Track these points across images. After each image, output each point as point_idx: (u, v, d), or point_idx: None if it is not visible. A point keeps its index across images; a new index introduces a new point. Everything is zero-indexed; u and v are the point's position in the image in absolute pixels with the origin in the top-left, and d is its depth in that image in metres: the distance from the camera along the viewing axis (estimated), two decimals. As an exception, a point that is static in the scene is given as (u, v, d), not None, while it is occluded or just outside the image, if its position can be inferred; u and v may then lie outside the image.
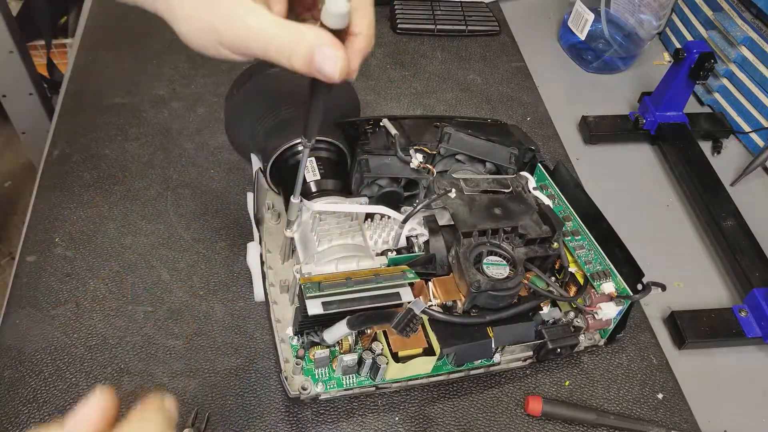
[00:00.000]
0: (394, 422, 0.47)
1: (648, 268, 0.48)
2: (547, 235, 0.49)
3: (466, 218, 0.48)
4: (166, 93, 0.71)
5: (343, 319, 0.42)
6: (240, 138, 0.58)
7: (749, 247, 0.60)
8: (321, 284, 0.41)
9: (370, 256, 0.46)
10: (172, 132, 0.67)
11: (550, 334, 0.48)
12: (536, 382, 0.51)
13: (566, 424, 0.49)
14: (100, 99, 0.69)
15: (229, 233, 0.58)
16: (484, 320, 0.46)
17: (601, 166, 0.71)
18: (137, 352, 0.49)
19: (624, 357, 0.54)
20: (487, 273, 0.45)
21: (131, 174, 0.62)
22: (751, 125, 0.75)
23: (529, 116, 0.75)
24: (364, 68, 0.78)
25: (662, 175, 0.72)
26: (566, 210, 0.54)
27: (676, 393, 0.52)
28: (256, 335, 0.51)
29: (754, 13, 0.72)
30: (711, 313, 0.56)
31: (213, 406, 0.47)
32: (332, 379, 0.45)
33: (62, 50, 1.39)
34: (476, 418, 0.48)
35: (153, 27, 0.79)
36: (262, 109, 0.54)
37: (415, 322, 0.40)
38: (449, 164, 0.56)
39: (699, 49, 0.65)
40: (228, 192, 0.61)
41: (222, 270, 0.55)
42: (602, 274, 0.50)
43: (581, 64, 0.84)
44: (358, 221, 0.49)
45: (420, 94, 0.76)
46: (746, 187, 0.71)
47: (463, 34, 0.85)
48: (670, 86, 0.69)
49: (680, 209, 0.68)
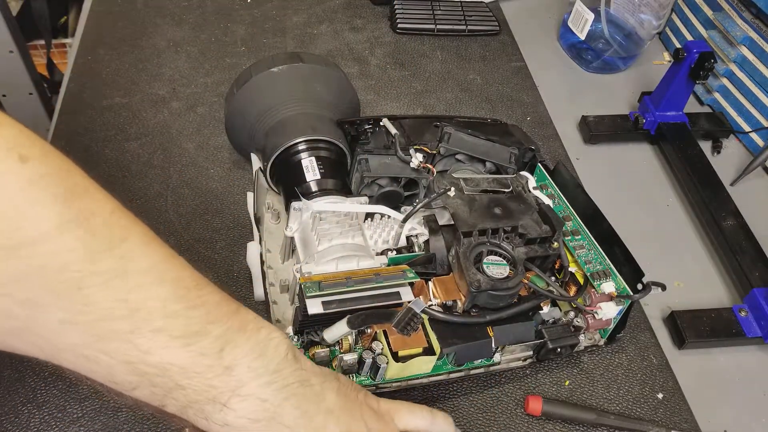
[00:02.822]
0: (394, 422, 0.47)
1: (648, 268, 0.48)
2: (547, 234, 0.49)
3: (466, 218, 0.48)
4: (166, 93, 0.71)
5: (343, 318, 0.42)
6: (240, 138, 0.58)
7: (749, 247, 0.60)
8: (321, 284, 0.41)
9: (370, 256, 0.46)
10: (172, 132, 0.67)
11: (550, 333, 0.48)
12: (536, 381, 0.51)
13: (566, 424, 0.49)
14: (100, 99, 0.69)
15: (229, 233, 0.58)
16: (484, 320, 0.46)
17: (601, 166, 0.71)
18: (137, 352, 0.49)
19: (624, 357, 0.54)
20: (487, 273, 0.45)
21: (131, 174, 0.62)
22: (751, 125, 0.75)
23: (529, 116, 0.75)
24: (364, 68, 0.78)
25: (662, 175, 0.72)
26: (566, 210, 0.54)
27: (676, 393, 0.52)
28: (256, 335, 0.51)
29: (754, 13, 0.72)
30: (711, 313, 0.56)
31: (213, 406, 0.47)
32: (332, 378, 0.45)
33: (62, 50, 1.39)
34: (476, 418, 0.48)
35: (153, 27, 0.79)
36: (262, 109, 0.54)
37: (415, 321, 0.40)
38: (449, 164, 0.56)
39: (699, 49, 0.65)
40: (228, 192, 0.61)
41: (222, 270, 0.55)
42: (602, 274, 0.50)
43: (581, 64, 0.84)
44: (358, 221, 0.49)
45: (420, 93, 0.76)
46: (746, 187, 0.71)
47: (463, 34, 0.85)
48: (670, 86, 0.69)
49: (680, 209, 0.68)
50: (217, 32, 0.80)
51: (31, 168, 0.27)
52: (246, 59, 0.76)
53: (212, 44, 0.78)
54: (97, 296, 0.28)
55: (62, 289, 0.28)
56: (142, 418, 0.45)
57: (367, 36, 0.83)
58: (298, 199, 0.47)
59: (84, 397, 0.46)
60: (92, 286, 0.28)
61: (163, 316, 0.30)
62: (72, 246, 0.28)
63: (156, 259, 0.31)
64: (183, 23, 0.80)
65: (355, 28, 0.84)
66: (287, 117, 0.53)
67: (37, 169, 0.27)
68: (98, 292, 0.28)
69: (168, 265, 0.32)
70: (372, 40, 0.82)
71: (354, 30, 0.84)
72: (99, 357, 0.30)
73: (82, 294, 0.28)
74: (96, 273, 0.28)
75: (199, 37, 0.79)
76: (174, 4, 0.83)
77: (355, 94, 0.60)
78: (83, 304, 0.28)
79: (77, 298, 0.28)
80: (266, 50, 0.78)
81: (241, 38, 0.79)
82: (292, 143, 0.51)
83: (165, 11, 0.82)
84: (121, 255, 0.29)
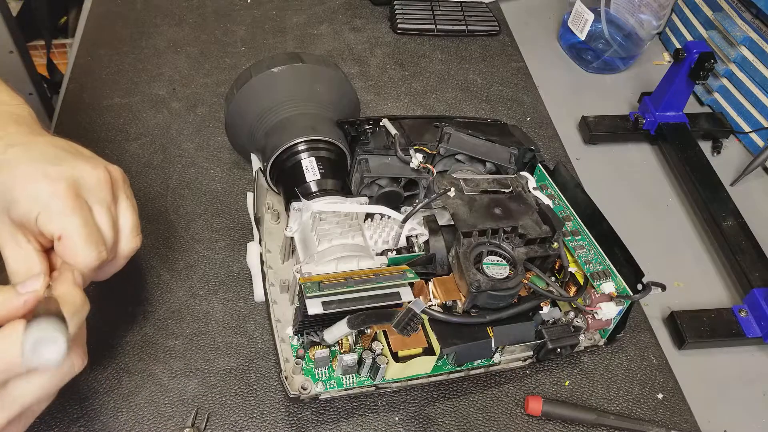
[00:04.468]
0: (394, 422, 0.47)
1: (648, 268, 0.48)
2: (547, 235, 0.49)
3: (466, 218, 0.48)
4: (166, 93, 0.71)
5: (343, 318, 0.42)
6: (240, 138, 0.58)
7: (749, 247, 0.60)
8: (321, 284, 0.41)
9: (370, 256, 0.46)
10: (172, 132, 0.67)
11: (550, 334, 0.48)
12: (536, 382, 0.51)
13: (566, 424, 0.49)
14: (100, 99, 0.69)
15: (228, 233, 0.58)
16: (484, 320, 0.46)
17: (601, 166, 0.71)
18: (137, 352, 0.49)
19: (624, 357, 0.54)
20: (487, 273, 0.45)
21: (131, 174, 0.62)
22: (751, 125, 0.75)
23: (529, 116, 0.75)
24: (364, 68, 0.78)
25: (662, 175, 0.72)
26: (566, 210, 0.54)
27: (676, 393, 0.52)
28: (256, 335, 0.51)
29: (754, 13, 0.72)
30: (711, 313, 0.56)
31: (213, 406, 0.47)
32: (332, 378, 0.45)
33: (62, 50, 1.39)
34: (476, 418, 0.48)
35: (153, 27, 0.79)
36: (262, 109, 0.54)
37: (415, 321, 0.40)
38: (449, 164, 0.56)
39: (699, 49, 0.65)
40: (228, 192, 0.61)
41: (222, 270, 0.55)
42: (602, 274, 0.50)
43: (581, 64, 0.84)
44: (358, 221, 0.49)
45: (420, 94, 0.76)
46: (746, 187, 0.71)
47: (463, 34, 0.85)
48: (670, 86, 0.69)
49: (680, 209, 0.68)
50: (217, 32, 0.80)
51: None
52: (246, 59, 0.76)
53: (212, 44, 0.78)
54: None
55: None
56: (142, 418, 0.45)
57: (367, 36, 0.83)
58: (298, 200, 0.47)
59: (84, 397, 0.46)
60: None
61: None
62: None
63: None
64: (183, 23, 0.80)
65: (355, 28, 0.84)
66: (287, 117, 0.53)
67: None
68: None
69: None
70: (372, 40, 0.82)
71: (354, 30, 0.84)
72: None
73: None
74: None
75: (199, 37, 0.79)
76: (174, 4, 0.83)
77: (355, 95, 0.60)
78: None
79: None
80: (266, 50, 0.78)
81: (241, 38, 0.79)
82: (292, 143, 0.51)
83: (165, 11, 0.82)
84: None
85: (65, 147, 0.42)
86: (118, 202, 0.43)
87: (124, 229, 0.43)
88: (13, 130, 0.42)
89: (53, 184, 0.38)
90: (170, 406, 0.46)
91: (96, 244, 0.39)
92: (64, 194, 0.38)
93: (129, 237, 0.43)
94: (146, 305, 0.52)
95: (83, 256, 0.39)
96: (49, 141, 0.42)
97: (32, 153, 0.40)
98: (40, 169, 0.39)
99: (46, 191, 0.38)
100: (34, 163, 0.39)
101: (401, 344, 0.45)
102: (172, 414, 0.46)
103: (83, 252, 0.39)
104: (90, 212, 0.40)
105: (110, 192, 0.42)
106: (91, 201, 0.40)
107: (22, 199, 0.38)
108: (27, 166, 0.39)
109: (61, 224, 0.38)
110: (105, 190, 0.41)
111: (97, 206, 0.41)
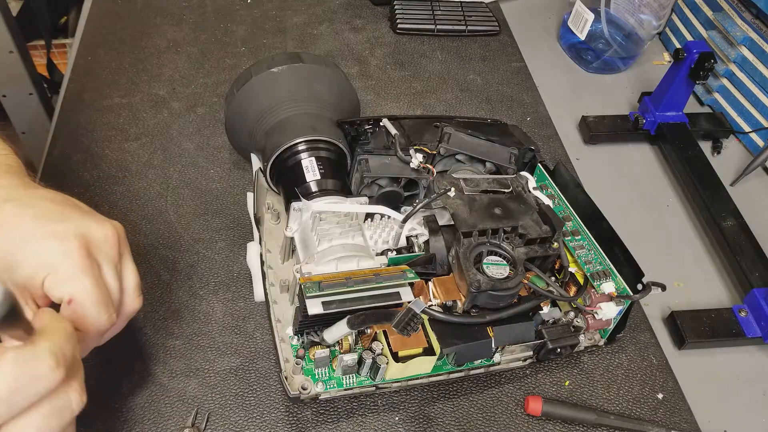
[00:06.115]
0: (394, 422, 0.47)
1: (648, 268, 0.48)
2: (547, 235, 0.49)
3: (466, 218, 0.48)
4: (166, 93, 0.71)
5: (343, 318, 0.42)
6: (240, 138, 0.58)
7: (749, 247, 0.60)
8: (321, 284, 0.41)
9: (370, 256, 0.46)
10: (172, 132, 0.67)
11: (550, 334, 0.48)
12: (536, 382, 0.51)
13: (566, 424, 0.49)
14: (100, 99, 0.69)
15: (228, 233, 0.58)
16: (484, 320, 0.46)
17: (601, 166, 0.71)
18: (137, 352, 0.49)
19: (624, 357, 0.54)
20: (487, 273, 0.45)
21: (131, 174, 0.62)
22: (751, 125, 0.75)
23: (529, 116, 0.75)
24: (364, 68, 0.78)
25: (662, 175, 0.72)
26: (566, 210, 0.54)
27: (676, 393, 0.52)
28: (256, 335, 0.51)
29: (754, 13, 0.72)
30: (711, 313, 0.56)
31: (213, 406, 0.47)
32: (332, 378, 0.45)
33: (62, 50, 1.40)
34: (476, 418, 0.48)
35: (153, 27, 0.79)
36: (262, 109, 0.54)
37: (415, 321, 0.40)
38: (449, 164, 0.56)
39: (699, 49, 0.65)
40: (228, 192, 0.61)
41: (222, 270, 0.55)
42: (602, 274, 0.50)
43: (581, 64, 0.84)
44: (358, 221, 0.49)
45: (420, 94, 0.76)
46: (746, 187, 0.71)
47: (463, 34, 0.85)
48: (670, 86, 0.69)
49: (680, 209, 0.68)
50: (217, 32, 0.80)
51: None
52: (246, 59, 0.76)
53: (212, 44, 0.78)
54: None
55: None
56: (142, 418, 0.45)
57: (367, 36, 0.83)
58: (298, 200, 0.47)
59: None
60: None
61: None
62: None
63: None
64: (183, 23, 0.80)
65: (355, 28, 0.84)
66: (287, 117, 0.53)
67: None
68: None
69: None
70: (372, 40, 0.82)
71: (354, 30, 0.84)
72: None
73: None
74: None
75: (199, 37, 0.79)
76: (174, 4, 0.83)
77: (355, 95, 0.60)
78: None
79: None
80: (266, 50, 0.78)
81: (241, 38, 0.79)
82: (292, 143, 0.51)
83: (165, 11, 0.82)
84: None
85: (65, 201, 0.39)
86: (123, 260, 0.40)
87: (128, 289, 0.40)
88: (6, 182, 0.39)
89: (63, 243, 0.36)
90: (170, 406, 0.46)
91: (107, 307, 0.37)
92: (76, 254, 0.36)
93: (132, 297, 0.41)
94: (146, 305, 0.52)
95: (94, 320, 0.36)
96: (45, 195, 0.39)
97: (34, 209, 0.37)
98: (45, 227, 0.36)
99: (57, 251, 0.36)
100: (37, 220, 0.36)
101: (401, 344, 0.45)
102: (172, 414, 0.46)
103: (95, 315, 0.36)
104: (100, 272, 0.38)
105: (117, 250, 0.39)
106: (100, 259, 0.38)
107: (27, 260, 0.35)
108: (30, 224, 0.36)
109: (73, 287, 0.36)
110: (113, 247, 0.39)
111: (106, 265, 0.38)
